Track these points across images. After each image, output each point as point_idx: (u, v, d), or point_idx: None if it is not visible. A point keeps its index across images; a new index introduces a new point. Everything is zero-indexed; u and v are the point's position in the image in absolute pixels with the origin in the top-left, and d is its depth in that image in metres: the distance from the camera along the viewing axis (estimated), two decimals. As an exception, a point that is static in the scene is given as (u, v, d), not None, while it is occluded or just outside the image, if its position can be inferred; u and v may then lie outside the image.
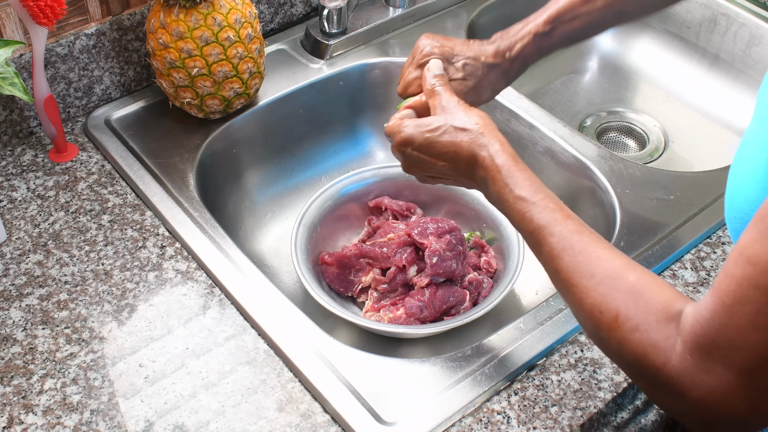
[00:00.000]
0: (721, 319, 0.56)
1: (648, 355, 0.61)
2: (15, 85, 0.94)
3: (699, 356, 0.58)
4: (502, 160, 0.77)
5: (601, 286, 0.66)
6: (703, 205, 1.02)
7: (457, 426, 0.80)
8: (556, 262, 0.70)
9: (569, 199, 1.12)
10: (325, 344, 0.86)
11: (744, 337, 0.55)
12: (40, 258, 0.95)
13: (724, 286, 0.57)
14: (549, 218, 0.72)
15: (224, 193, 1.13)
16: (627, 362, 0.64)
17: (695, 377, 0.58)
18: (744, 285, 0.55)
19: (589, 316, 0.66)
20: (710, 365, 0.57)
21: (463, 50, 0.91)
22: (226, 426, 0.80)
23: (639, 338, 0.62)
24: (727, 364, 0.56)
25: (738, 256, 0.56)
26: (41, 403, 0.81)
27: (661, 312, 0.62)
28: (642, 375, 0.63)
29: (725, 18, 1.34)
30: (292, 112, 1.19)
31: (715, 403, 0.58)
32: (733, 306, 0.56)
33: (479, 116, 0.81)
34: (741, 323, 0.55)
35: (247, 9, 1.06)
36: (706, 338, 0.57)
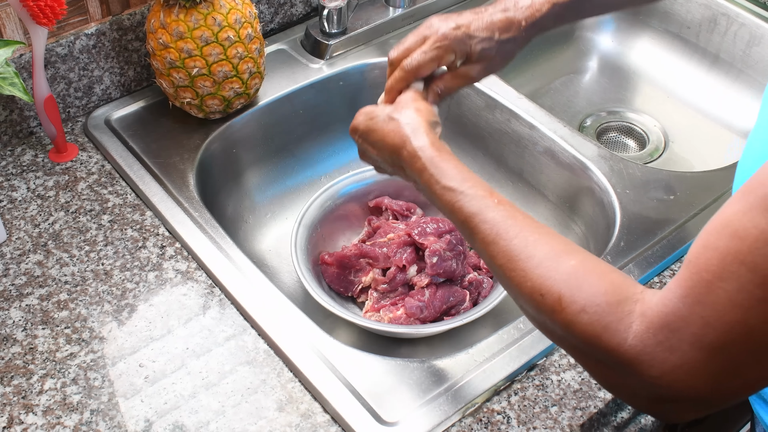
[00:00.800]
0: (697, 295, 0.54)
1: (600, 336, 0.58)
2: (15, 85, 0.94)
3: (664, 334, 0.55)
4: (427, 153, 0.75)
5: (541, 268, 0.63)
6: (703, 205, 1.02)
7: (457, 426, 0.80)
8: (491, 248, 0.67)
9: (569, 199, 1.12)
10: (325, 344, 0.86)
11: (720, 315, 0.52)
12: (40, 258, 0.95)
13: (703, 261, 0.54)
14: (480, 205, 0.70)
15: (224, 193, 1.13)
16: (574, 345, 0.62)
17: (656, 355, 0.55)
18: (728, 260, 0.52)
19: (529, 299, 0.64)
20: (676, 343, 0.54)
21: (478, 29, 0.86)
22: (226, 426, 0.80)
23: (588, 320, 0.59)
24: (695, 342, 0.54)
25: (722, 228, 0.53)
26: (41, 403, 0.81)
27: (610, 293, 0.59)
28: (591, 357, 0.61)
29: (725, 18, 1.34)
30: (292, 112, 1.19)
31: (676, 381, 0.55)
32: (713, 282, 0.53)
33: (416, 109, 0.79)
34: (719, 300, 0.52)
35: (247, 9, 1.06)
36: (676, 315, 0.55)
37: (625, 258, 0.95)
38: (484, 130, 1.20)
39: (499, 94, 1.17)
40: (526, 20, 0.87)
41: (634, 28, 1.48)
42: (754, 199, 0.52)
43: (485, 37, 0.86)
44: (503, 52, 0.88)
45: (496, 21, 0.86)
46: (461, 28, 0.85)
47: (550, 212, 1.15)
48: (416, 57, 0.85)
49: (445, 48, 0.84)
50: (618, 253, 0.95)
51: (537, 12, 0.87)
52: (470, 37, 0.85)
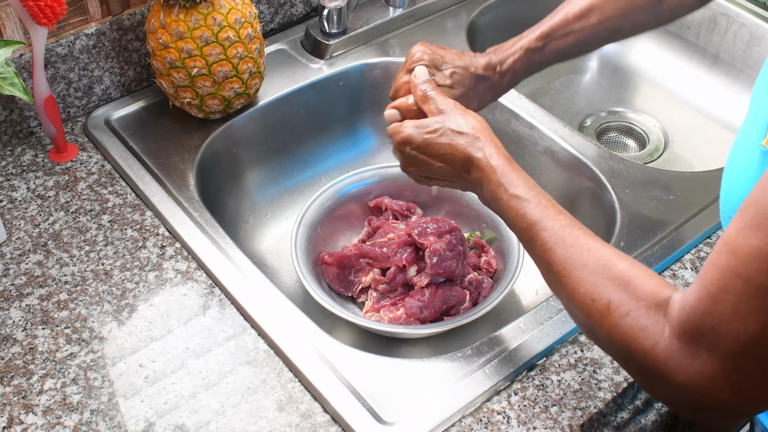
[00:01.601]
0: (705, 306, 0.58)
1: (638, 339, 0.63)
2: (15, 85, 0.94)
3: (685, 341, 0.59)
4: (497, 162, 0.79)
5: (594, 275, 0.68)
6: (703, 205, 1.02)
7: (457, 426, 0.80)
8: (548, 255, 0.72)
9: (569, 199, 1.12)
10: (325, 344, 0.86)
11: (726, 324, 0.57)
12: (40, 258, 0.95)
13: (709, 275, 0.58)
14: (542, 214, 0.74)
15: (224, 193, 1.13)
16: (617, 348, 0.66)
17: (681, 361, 0.60)
18: (727, 274, 0.56)
19: (581, 304, 0.68)
20: (695, 350, 0.59)
21: (453, 59, 0.93)
22: (226, 426, 0.80)
23: (629, 323, 0.63)
24: (711, 349, 0.58)
25: (723, 246, 0.58)
26: (41, 403, 0.81)
27: (650, 298, 0.64)
28: (632, 361, 0.65)
29: (725, 18, 1.34)
30: (292, 112, 1.19)
31: (699, 387, 0.59)
32: (717, 294, 0.57)
33: (476, 119, 0.83)
34: (724, 311, 0.57)
35: (247, 9, 1.06)
36: (691, 324, 0.59)
37: (625, 258, 0.95)
38: (484, 130, 1.20)
39: (499, 94, 1.17)
40: (500, 64, 0.93)
41: (634, 28, 1.48)
42: (747, 217, 0.56)
43: (460, 65, 0.92)
44: (478, 91, 0.94)
45: (474, 60, 0.93)
46: (436, 54, 0.92)
47: (550, 212, 1.15)
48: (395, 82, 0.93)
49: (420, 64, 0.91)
50: (618, 253, 0.95)
51: (509, 58, 0.94)
52: (444, 63, 0.92)
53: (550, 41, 0.93)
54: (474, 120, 0.83)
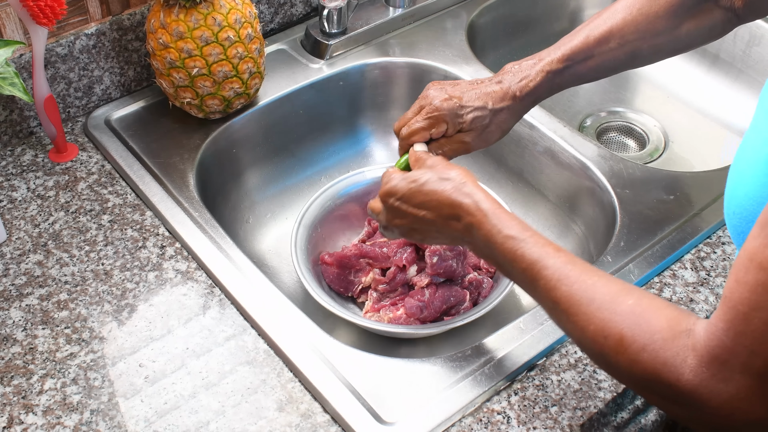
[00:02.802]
0: (737, 327, 0.57)
1: (660, 374, 0.62)
2: (15, 85, 0.94)
3: (716, 367, 0.59)
4: (487, 205, 0.78)
5: (602, 311, 0.66)
6: (703, 205, 1.02)
7: (457, 426, 0.80)
8: (553, 293, 0.70)
9: (569, 199, 1.12)
10: (325, 344, 0.86)
11: (761, 342, 0.56)
12: (40, 258, 0.95)
13: (737, 295, 0.57)
14: (540, 252, 0.73)
15: (224, 193, 1.13)
16: (639, 382, 0.65)
17: (713, 388, 0.59)
18: (758, 290, 0.56)
19: (593, 342, 0.67)
20: (728, 374, 0.58)
21: (470, 100, 0.91)
22: (226, 426, 0.80)
23: (648, 358, 0.62)
24: (745, 371, 0.57)
25: (748, 263, 0.57)
26: (41, 403, 0.81)
27: (666, 330, 0.63)
28: (656, 393, 0.64)
29: (725, 18, 1.34)
30: (292, 112, 1.19)
31: (736, 409, 0.59)
32: (749, 313, 0.56)
33: (461, 169, 0.82)
34: (758, 329, 0.56)
35: (247, 9, 1.06)
36: (723, 349, 0.58)
37: (625, 258, 0.95)
38: (484, 130, 1.20)
39: (499, 94, 1.17)
40: (520, 90, 0.92)
41: (634, 28, 1.48)
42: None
43: (478, 106, 0.91)
44: (498, 122, 0.93)
45: (490, 92, 0.92)
46: (454, 99, 0.90)
47: (550, 212, 1.15)
48: (410, 126, 0.91)
49: (436, 118, 0.90)
50: (618, 253, 0.95)
51: (531, 82, 0.92)
52: (462, 108, 0.90)
53: (572, 64, 0.93)
54: (459, 169, 0.82)
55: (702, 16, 0.92)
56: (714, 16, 0.92)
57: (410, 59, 1.23)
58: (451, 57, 1.23)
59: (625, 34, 0.92)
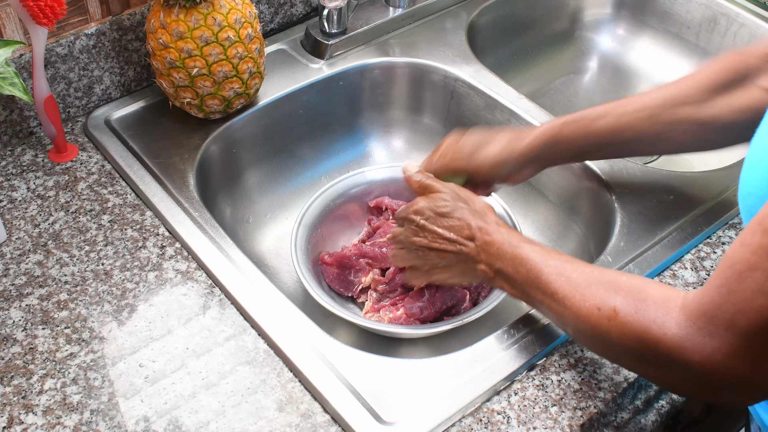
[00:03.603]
0: (731, 285, 0.59)
1: (649, 330, 0.65)
2: (15, 85, 0.94)
3: (702, 321, 0.61)
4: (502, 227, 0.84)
5: (599, 289, 0.71)
6: (703, 205, 1.02)
7: (457, 426, 0.80)
8: (553, 285, 0.75)
9: (569, 199, 1.12)
10: (325, 344, 0.86)
11: (750, 301, 0.58)
12: (40, 258, 0.95)
13: (738, 255, 0.59)
14: (543, 254, 0.78)
15: (224, 193, 1.13)
16: (629, 346, 0.67)
17: (696, 341, 0.61)
18: (758, 252, 0.58)
19: (588, 317, 0.70)
20: (713, 329, 0.60)
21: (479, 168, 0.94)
22: (226, 426, 0.80)
23: (637, 318, 0.66)
24: (730, 327, 0.59)
25: (756, 226, 0.59)
26: (41, 403, 0.81)
27: (658, 297, 0.66)
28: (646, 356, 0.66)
29: (725, 18, 1.34)
30: (292, 112, 1.19)
31: (718, 364, 0.61)
32: (744, 273, 0.59)
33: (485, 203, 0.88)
34: (749, 288, 0.58)
35: (247, 9, 1.06)
36: (712, 304, 0.61)
37: (625, 258, 0.95)
38: (484, 130, 1.20)
39: (499, 94, 1.17)
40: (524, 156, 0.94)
41: (634, 28, 1.48)
42: None
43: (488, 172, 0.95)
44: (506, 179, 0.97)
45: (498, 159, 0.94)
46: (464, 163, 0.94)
47: (550, 212, 1.15)
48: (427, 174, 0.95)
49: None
50: (618, 253, 0.95)
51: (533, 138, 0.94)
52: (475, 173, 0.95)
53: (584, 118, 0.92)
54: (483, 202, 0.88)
55: (738, 95, 0.87)
56: (752, 96, 0.86)
57: (410, 59, 1.23)
58: (451, 57, 1.23)
59: (646, 100, 0.90)
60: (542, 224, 1.15)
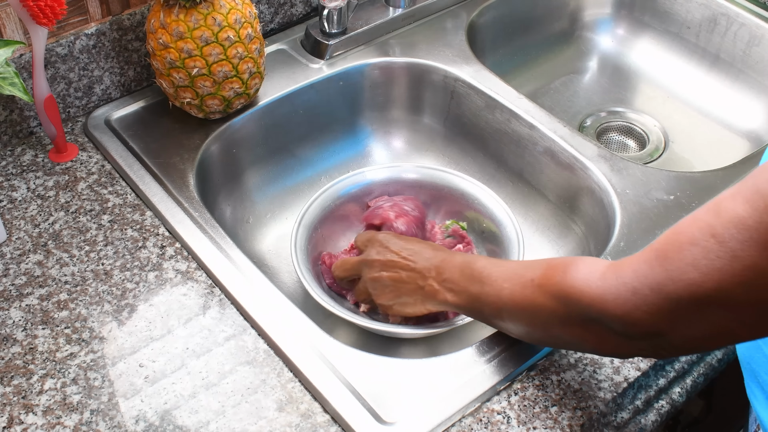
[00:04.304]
0: (669, 252, 0.61)
1: (573, 286, 0.68)
2: (15, 85, 0.94)
3: (629, 277, 0.63)
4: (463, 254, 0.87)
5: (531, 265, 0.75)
6: (703, 205, 1.02)
7: (457, 426, 0.80)
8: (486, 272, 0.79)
9: (569, 199, 1.12)
10: (325, 344, 0.86)
11: (682, 272, 0.60)
12: (40, 258, 0.95)
13: (685, 227, 0.62)
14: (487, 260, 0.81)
15: (224, 193, 1.13)
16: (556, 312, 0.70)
17: (620, 294, 0.64)
18: (704, 230, 0.59)
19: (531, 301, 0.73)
20: (638, 287, 0.63)
21: None
22: (226, 426, 0.80)
23: (564, 279, 0.69)
24: (655, 288, 0.62)
25: (712, 205, 0.61)
26: (41, 403, 0.81)
27: (587, 259, 0.70)
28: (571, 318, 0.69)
29: (725, 18, 1.34)
30: (292, 112, 1.19)
31: (637, 319, 0.63)
32: (685, 245, 0.60)
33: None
34: (685, 260, 0.60)
35: (247, 9, 1.06)
36: (645, 264, 0.63)
37: (625, 258, 0.95)
38: (484, 130, 1.20)
39: (499, 94, 1.17)
40: None
41: (634, 28, 1.48)
42: (743, 186, 0.59)
43: None
44: None
45: None
46: None
47: (550, 212, 1.15)
48: None
49: None
50: (618, 253, 0.95)
51: None
52: None
53: None
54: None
55: None
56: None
57: (410, 59, 1.23)
58: (451, 57, 1.23)
59: None
60: (542, 224, 1.15)
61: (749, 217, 0.57)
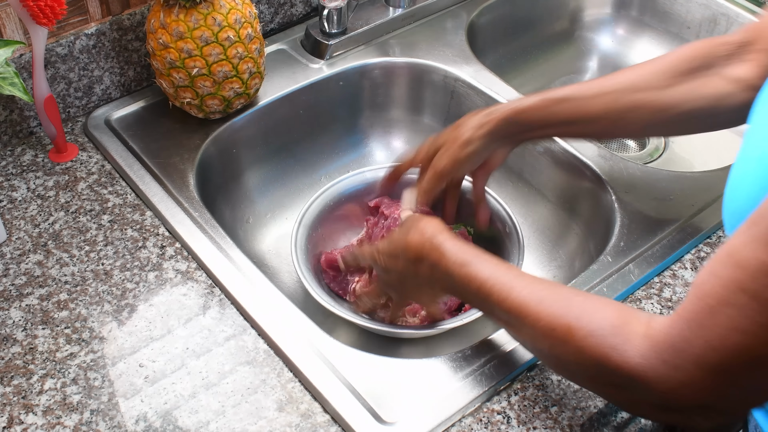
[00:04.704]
0: (701, 319, 0.57)
1: (608, 356, 0.62)
2: (15, 85, 0.94)
3: (669, 353, 0.59)
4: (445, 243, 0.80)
5: (552, 307, 0.68)
6: (703, 205, 1.02)
7: (457, 426, 0.80)
8: (505, 304, 0.72)
9: (569, 199, 1.12)
10: (325, 344, 0.86)
11: (722, 338, 0.56)
12: (40, 258, 0.95)
13: (708, 287, 0.57)
14: (491, 270, 0.76)
15: (224, 193, 1.13)
16: (587, 369, 0.66)
17: (662, 373, 0.59)
18: (730, 287, 0.55)
19: (543, 337, 0.68)
20: (680, 363, 0.58)
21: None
22: (226, 426, 0.80)
23: (595, 342, 0.63)
24: (698, 362, 0.58)
25: (727, 258, 0.57)
26: (41, 403, 0.81)
27: (615, 318, 0.64)
28: (603, 380, 0.65)
29: (725, 18, 1.34)
30: (292, 112, 1.19)
31: (683, 396, 0.59)
32: (716, 307, 0.56)
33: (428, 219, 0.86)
34: (722, 324, 0.56)
35: (247, 9, 1.06)
36: (681, 337, 0.58)
37: (625, 258, 0.95)
38: (484, 130, 1.20)
39: (499, 94, 1.17)
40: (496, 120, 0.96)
41: (634, 28, 1.48)
42: (757, 231, 0.55)
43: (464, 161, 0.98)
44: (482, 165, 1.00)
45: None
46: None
47: (550, 212, 1.15)
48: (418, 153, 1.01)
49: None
50: (618, 253, 0.96)
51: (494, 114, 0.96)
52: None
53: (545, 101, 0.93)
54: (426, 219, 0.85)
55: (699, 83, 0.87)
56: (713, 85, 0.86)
57: (410, 59, 1.23)
58: (451, 57, 1.23)
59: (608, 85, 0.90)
60: (542, 224, 1.15)
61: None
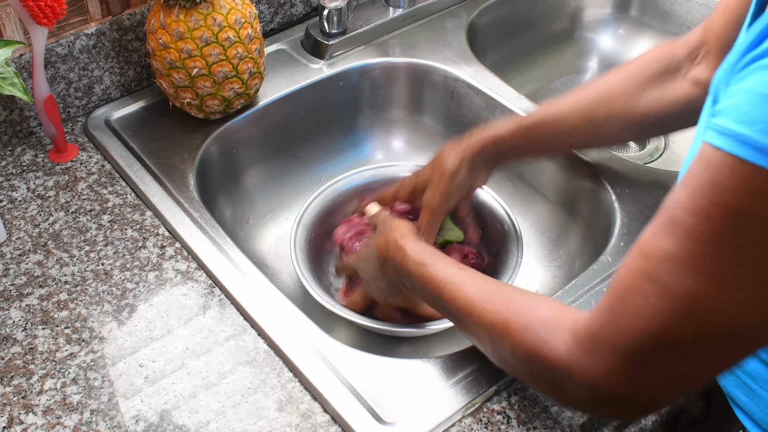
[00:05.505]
0: (614, 308, 0.60)
1: (540, 351, 0.65)
2: (15, 85, 0.94)
3: (588, 343, 0.62)
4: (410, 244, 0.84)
5: (493, 305, 0.72)
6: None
7: (457, 426, 0.80)
8: (455, 302, 0.75)
9: (569, 199, 1.12)
10: (325, 344, 0.86)
11: (630, 325, 0.59)
12: (40, 258, 0.95)
13: (620, 278, 0.61)
14: (445, 271, 0.79)
15: (224, 193, 1.13)
16: (522, 363, 0.69)
17: (582, 363, 0.62)
18: (637, 275, 0.58)
19: (486, 335, 0.72)
20: (597, 351, 0.61)
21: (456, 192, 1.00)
22: (226, 426, 0.80)
23: (529, 337, 0.66)
24: (612, 349, 0.60)
25: (636, 249, 0.60)
26: (41, 403, 0.81)
27: (549, 316, 0.67)
28: (537, 374, 0.68)
29: (725, 18, 1.34)
30: (292, 112, 1.19)
31: (603, 384, 0.61)
32: (625, 295, 0.59)
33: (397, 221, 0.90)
34: (629, 310, 0.59)
35: (247, 9, 1.06)
36: (598, 326, 0.61)
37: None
38: (484, 130, 1.20)
39: (499, 94, 1.17)
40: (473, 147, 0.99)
41: (634, 28, 1.48)
42: (659, 221, 0.59)
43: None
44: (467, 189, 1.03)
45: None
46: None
47: (550, 212, 1.15)
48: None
49: None
50: (618, 253, 0.96)
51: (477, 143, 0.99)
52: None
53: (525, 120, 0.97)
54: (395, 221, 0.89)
55: (667, 88, 0.91)
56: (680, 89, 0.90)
57: (410, 59, 1.23)
58: (451, 57, 1.23)
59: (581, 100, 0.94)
60: (542, 224, 1.15)
61: (674, 248, 0.56)
